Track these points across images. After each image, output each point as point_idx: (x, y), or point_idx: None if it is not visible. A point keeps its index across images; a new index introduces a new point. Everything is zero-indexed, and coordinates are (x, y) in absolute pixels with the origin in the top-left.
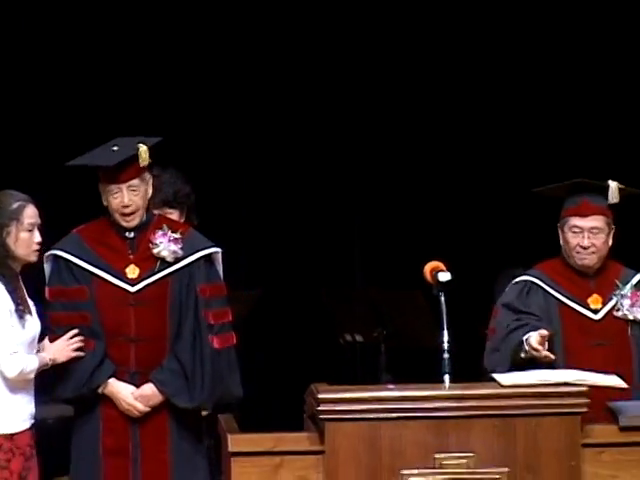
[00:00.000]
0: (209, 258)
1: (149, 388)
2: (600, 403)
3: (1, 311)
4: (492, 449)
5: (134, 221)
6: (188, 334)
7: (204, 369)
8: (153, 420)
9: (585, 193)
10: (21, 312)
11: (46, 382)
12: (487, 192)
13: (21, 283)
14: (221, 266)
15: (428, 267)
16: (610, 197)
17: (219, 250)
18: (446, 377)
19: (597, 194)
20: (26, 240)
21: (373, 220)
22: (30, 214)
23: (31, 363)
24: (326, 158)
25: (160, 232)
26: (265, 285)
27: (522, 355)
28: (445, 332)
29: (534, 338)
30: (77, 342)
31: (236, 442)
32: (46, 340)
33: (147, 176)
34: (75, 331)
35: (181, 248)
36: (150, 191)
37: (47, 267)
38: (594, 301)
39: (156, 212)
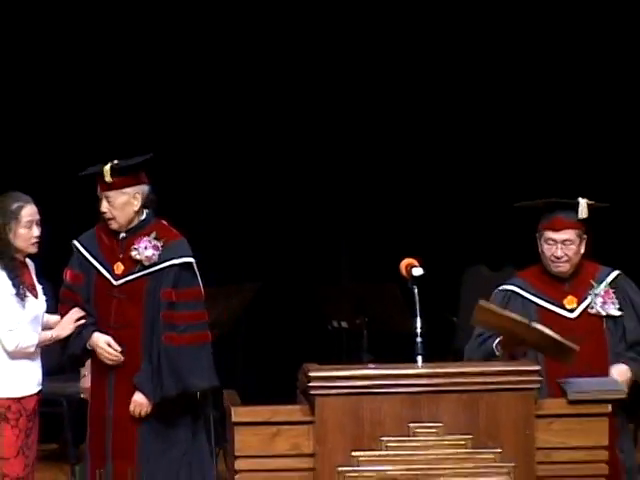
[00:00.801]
0: (185, 266)
1: (137, 396)
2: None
3: (1, 294)
4: (458, 419)
5: (113, 225)
6: (157, 332)
7: (160, 366)
8: (123, 396)
9: (558, 209)
10: (22, 295)
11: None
12: (455, 200)
13: (29, 269)
14: (196, 272)
15: (403, 263)
16: (580, 213)
17: (190, 260)
18: (419, 358)
19: (569, 210)
20: (24, 235)
21: (357, 224)
22: (28, 213)
23: (29, 339)
24: (318, 170)
25: (145, 238)
26: (264, 279)
27: (498, 355)
28: (418, 319)
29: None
30: (80, 320)
31: (238, 414)
32: (52, 318)
33: (128, 190)
34: (79, 311)
35: (159, 255)
36: (134, 202)
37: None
38: (569, 302)
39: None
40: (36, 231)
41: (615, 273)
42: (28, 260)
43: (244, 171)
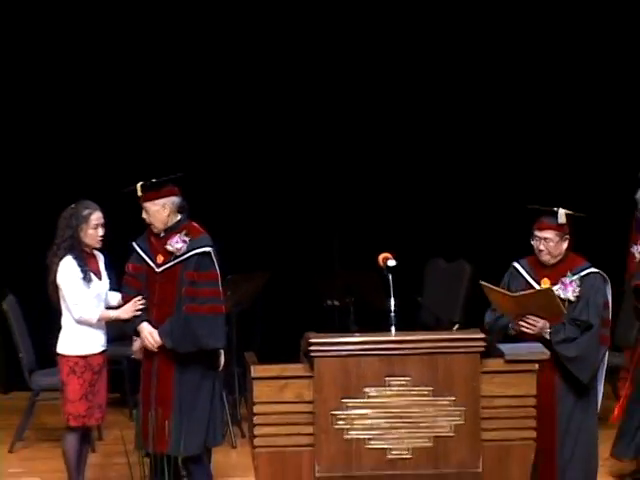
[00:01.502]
0: (205, 254)
1: (155, 334)
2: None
3: (72, 277)
4: (422, 374)
5: (153, 228)
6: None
7: (178, 326)
8: (164, 359)
9: (544, 215)
10: (88, 278)
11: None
12: (420, 207)
13: (97, 259)
14: (214, 259)
15: (381, 257)
16: (558, 219)
17: (208, 250)
18: (392, 328)
19: (552, 216)
20: (92, 234)
21: (346, 226)
22: (96, 217)
23: (91, 314)
24: (315, 182)
25: (177, 235)
26: (273, 268)
27: (512, 332)
28: (392, 299)
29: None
30: (140, 306)
31: (256, 370)
32: (113, 295)
33: (158, 202)
34: (140, 301)
35: (187, 247)
36: (165, 210)
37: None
38: (544, 282)
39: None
40: (101, 231)
41: (588, 271)
42: (97, 252)
43: (258, 183)
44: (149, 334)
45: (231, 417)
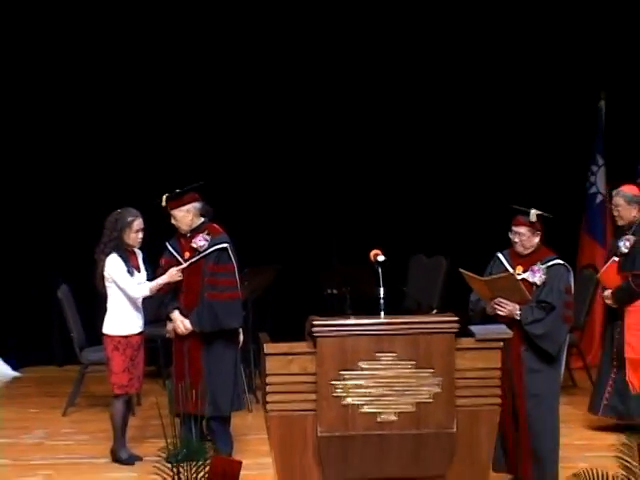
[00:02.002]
0: (223, 250)
1: (185, 322)
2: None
3: (121, 270)
4: (406, 351)
5: (182, 230)
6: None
7: (203, 311)
8: (193, 339)
9: (519, 213)
10: (130, 271)
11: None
12: (404, 210)
13: (137, 256)
14: (231, 254)
15: (372, 253)
16: (530, 217)
17: (225, 246)
18: (382, 312)
19: (525, 214)
20: (134, 237)
21: (342, 229)
22: (137, 223)
23: (143, 292)
24: (316, 190)
25: (201, 234)
26: (283, 263)
27: (490, 313)
28: (381, 289)
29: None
30: (178, 276)
31: (268, 347)
32: (149, 284)
33: (182, 208)
34: (179, 269)
35: (208, 244)
36: (189, 215)
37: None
38: (518, 269)
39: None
40: (140, 235)
41: (555, 262)
42: (137, 250)
43: (271, 193)
44: (181, 322)
45: (247, 386)
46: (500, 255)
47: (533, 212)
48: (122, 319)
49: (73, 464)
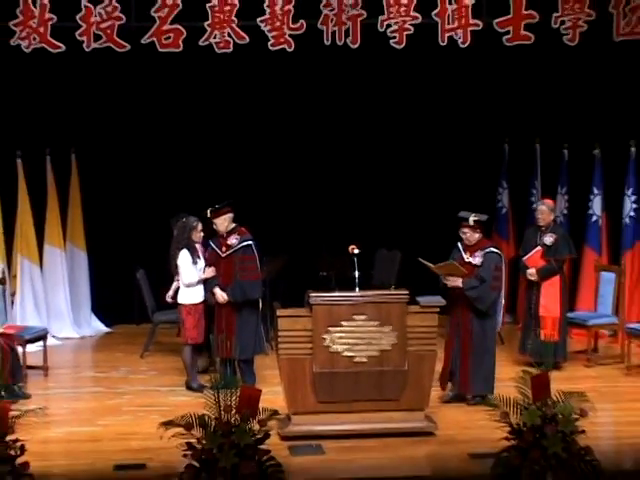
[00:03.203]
0: (249, 246)
1: (224, 294)
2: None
3: (187, 262)
4: (374, 314)
5: (219, 232)
6: (238, 274)
7: (235, 287)
8: (228, 306)
9: (463, 220)
10: (194, 261)
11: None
12: (373, 213)
13: (198, 250)
14: (254, 248)
15: (350, 247)
16: (469, 221)
17: (251, 243)
18: (357, 288)
19: (467, 219)
20: (197, 236)
21: (330, 231)
22: (199, 226)
23: (194, 279)
24: (311, 199)
25: (233, 234)
26: (290, 253)
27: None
28: (356, 272)
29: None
30: (213, 272)
31: (280, 312)
32: (208, 270)
33: (221, 217)
34: (213, 269)
35: (238, 242)
36: (225, 222)
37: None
38: (467, 255)
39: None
40: (201, 234)
41: (490, 250)
42: (199, 245)
43: (283, 207)
44: (220, 295)
45: (265, 338)
46: (459, 244)
47: (471, 218)
48: (191, 293)
49: (146, 391)
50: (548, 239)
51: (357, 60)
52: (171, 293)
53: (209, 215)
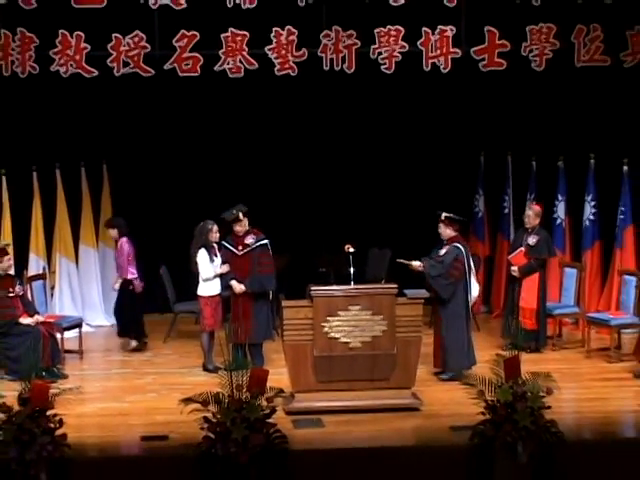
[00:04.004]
0: (264, 244)
1: (242, 285)
2: None
3: (205, 260)
4: (367, 304)
5: (239, 233)
6: (254, 269)
7: (253, 279)
8: (245, 297)
9: (438, 217)
10: (211, 259)
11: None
12: (366, 216)
13: (215, 249)
14: (269, 247)
15: (346, 246)
16: (441, 216)
17: (266, 242)
18: (352, 282)
19: (439, 217)
20: (213, 236)
21: (328, 229)
22: (215, 229)
23: (210, 274)
24: (310, 204)
25: (249, 234)
26: (293, 252)
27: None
28: (352, 268)
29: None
30: (227, 268)
31: (285, 303)
32: (223, 267)
33: (242, 220)
34: (228, 265)
35: (254, 241)
36: (244, 224)
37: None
38: (443, 251)
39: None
40: (217, 236)
41: (454, 244)
42: (215, 244)
43: (289, 214)
44: (237, 286)
45: (272, 326)
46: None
47: (443, 215)
48: (208, 286)
49: (168, 372)
50: (532, 240)
51: (352, 83)
52: (117, 286)
53: (231, 219)
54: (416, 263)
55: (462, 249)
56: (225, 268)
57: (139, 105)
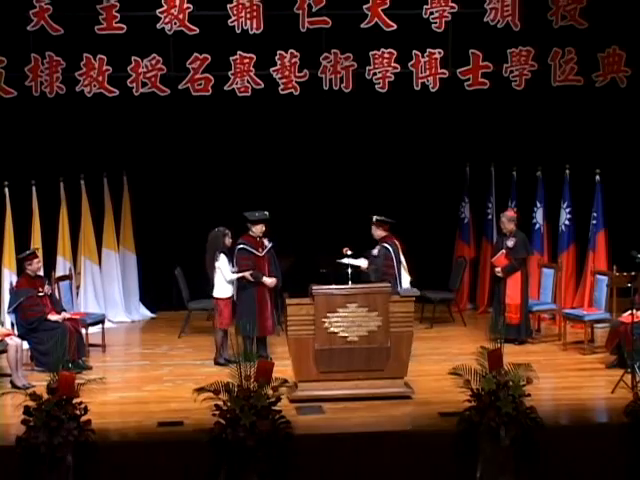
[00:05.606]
0: (273, 246)
1: (273, 280)
2: None
3: (225, 262)
4: (363, 301)
5: (257, 236)
6: (274, 267)
7: (278, 275)
8: (270, 292)
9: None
10: (230, 262)
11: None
12: (357, 225)
13: (230, 252)
14: (273, 250)
15: (344, 249)
16: (373, 219)
17: (272, 244)
18: (349, 282)
19: (372, 218)
20: (228, 242)
21: (328, 233)
22: (229, 235)
23: (232, 277)
24: (308, 209)
25: (265, 238)
26: (297, 254)
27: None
28: (349, 269)
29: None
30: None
31: (288, 301)
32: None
33: (261, 224)
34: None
35: (267, 243)
36: (262, 229)
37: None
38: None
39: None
40: (230, 240)
41: (383, 244)
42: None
43: (293, 218)
44: (271, 281)
45: (278, 322)
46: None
47: (374, 218)
48: (222, 289)
49: (183, 364)
50: (510, 242)
51: (350, 101)
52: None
53: (263, 220)
54: (363, 264)
55: (390, 248)
56: (242, 274)
57: (156, 121)
